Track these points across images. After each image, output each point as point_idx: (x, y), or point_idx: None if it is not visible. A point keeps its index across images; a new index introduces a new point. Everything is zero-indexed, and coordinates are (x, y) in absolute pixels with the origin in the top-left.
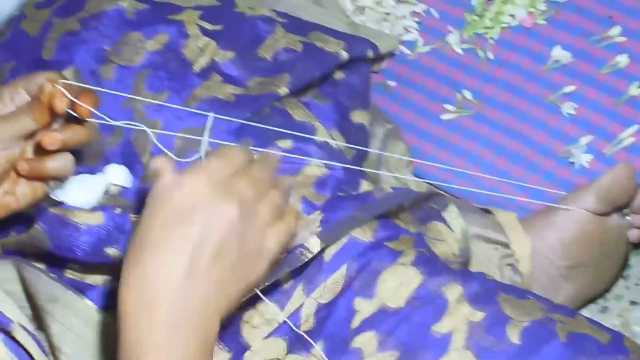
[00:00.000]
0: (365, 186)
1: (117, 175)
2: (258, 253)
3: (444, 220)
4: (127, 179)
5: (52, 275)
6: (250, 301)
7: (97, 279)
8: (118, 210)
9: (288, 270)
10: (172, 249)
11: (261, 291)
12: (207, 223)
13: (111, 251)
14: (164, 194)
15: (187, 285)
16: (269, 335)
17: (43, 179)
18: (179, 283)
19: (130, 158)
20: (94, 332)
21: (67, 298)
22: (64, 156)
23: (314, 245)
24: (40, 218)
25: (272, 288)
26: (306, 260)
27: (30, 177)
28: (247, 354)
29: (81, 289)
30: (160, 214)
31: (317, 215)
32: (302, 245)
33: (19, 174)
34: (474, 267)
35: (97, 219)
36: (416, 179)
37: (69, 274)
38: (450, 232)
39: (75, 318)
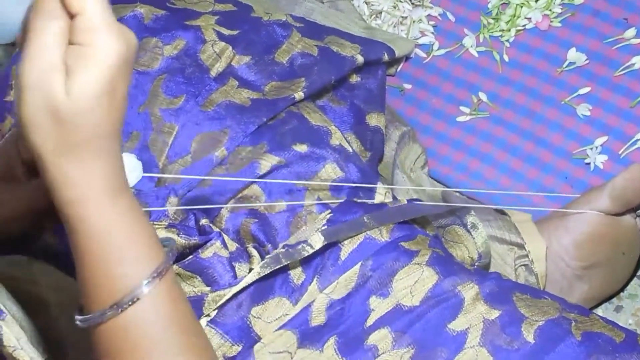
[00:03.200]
0: (380, 189)
1: (127, 163)
2: None
3: (463, 225)
4: (137, 165)
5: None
6: (260, 296)
7: None
8: None
9: (285, 262)
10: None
11: (267, 284)
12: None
13: None
14: None
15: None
16: (280, 327)
17: None
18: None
19: (146, 162)
20: None
21: (74, 288)
22: None
23: (316, 241)
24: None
25: (283, 283)
26: (306, 254)
27: None
28: (256, 346)
29: None
30: None
31: (326, 214)
32: (305, 241)
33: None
34: (489, 268)
35: None
36: (432, 182)
37: None
38: (469, 236)
39: None
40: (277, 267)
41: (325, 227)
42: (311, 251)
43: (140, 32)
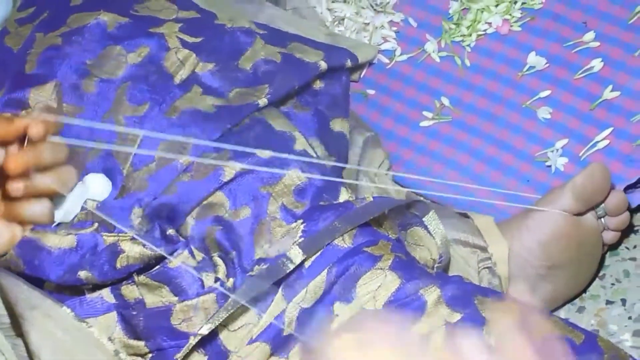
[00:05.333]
0: (344, 194)
1: (97, 184)
2: None
3: (424, 226)
4: (106, 187)
5: (30, 284)
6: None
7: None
8: (94, 227)
9: (271, 281)
10: None
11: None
12: None
13: (84, 274)
14: None
15: None
16: (254, 340)
17: (20, 222)
18: None
19: (111, 170)
20: (73, 339)
21: (45, 306)
22: (42, 202)
23: (296, 256)
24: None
25: None
26: (288, 271)
27: (9, 218)
28: (233, 359)
29: (59, 299)
30: None
31: (299, 225)
32: (284, 255)
33: None
34: (452, 271)
35: (70, 242)
36: (396, 186)
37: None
38: (430, 238)
39: (54, 325)
40: (263, 288)
41: (302, 239)
42: (292, 267)
43: (104, 40)
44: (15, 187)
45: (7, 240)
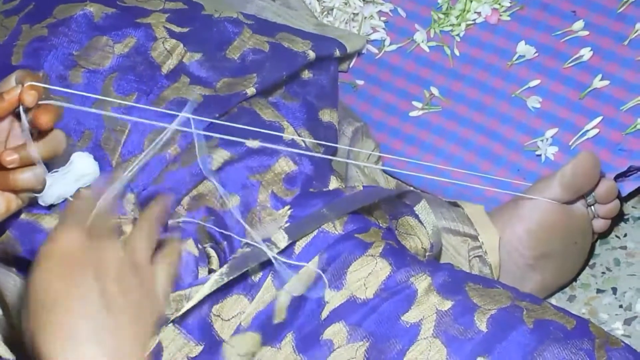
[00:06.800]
0: (334, 182)
1: (83, 163)
2: (152, 286)
3: (415, 215)
4: (93, 165)
5: (22, 273)
6: (219, 294)
7: None
8: None
9: (253, 264)
10: (79, 296)
11: (229, 283)
12: (98, 265)
13: None
14: (47, 251)
15: (106, 324)
16: (245, 329)
17: (15, 191)
18: (98, 323)
19: (99, 161)
20: None
21: None
22: (33, 169)
23: (281, 240)
24: (11, 225)
25: (241, 281)
26: (272, 255)
27: (2, 188)
28: (225, 348)
29: None
30: (51, 268)
31: (285, 211)
32: (269, 240)
33: None
34: (443, 260)
35: None
36: (385, 174)
37: None
38: (421, 227)
39: None
40: (245, 269)
41: (288, 224)
42: (277, 251)
43: (91, 30)
44: (10, 159)
45: (4, 209)
